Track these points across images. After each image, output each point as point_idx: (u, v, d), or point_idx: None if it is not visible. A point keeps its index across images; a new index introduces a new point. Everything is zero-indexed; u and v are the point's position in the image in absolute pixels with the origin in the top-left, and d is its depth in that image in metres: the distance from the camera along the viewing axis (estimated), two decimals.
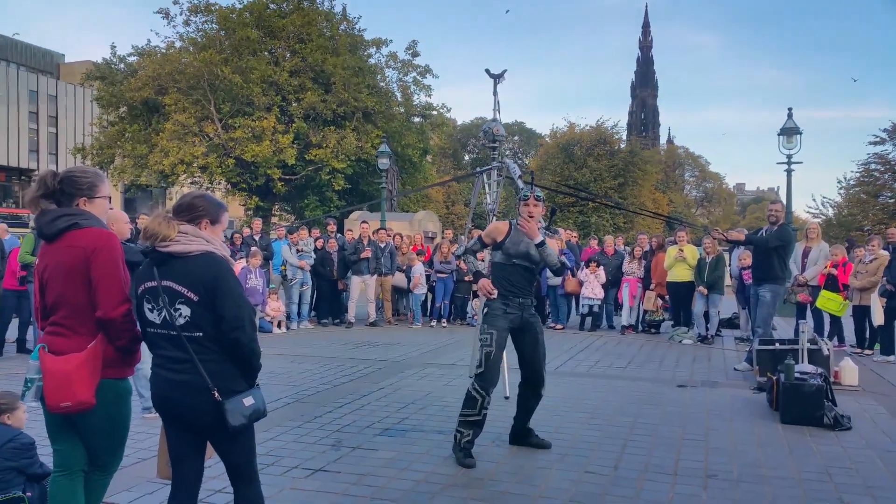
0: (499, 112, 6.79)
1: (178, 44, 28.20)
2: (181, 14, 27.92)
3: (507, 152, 58.00)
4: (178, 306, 2.62)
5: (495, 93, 6.77)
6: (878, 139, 33.18)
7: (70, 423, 2.86)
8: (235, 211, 31.57)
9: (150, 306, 2.69)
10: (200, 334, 2.63)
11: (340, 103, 27.12)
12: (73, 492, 2.90)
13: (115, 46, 28.91)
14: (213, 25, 28.27)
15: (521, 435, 4.89)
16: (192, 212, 2.75)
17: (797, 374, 5.60)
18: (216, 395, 2.59)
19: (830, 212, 36.61)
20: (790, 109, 14.87)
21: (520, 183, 6.34)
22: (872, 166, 33.66)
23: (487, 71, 7.05)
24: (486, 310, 4.63)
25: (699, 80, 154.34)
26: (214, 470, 4.02)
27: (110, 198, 3.02)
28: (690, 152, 63.85)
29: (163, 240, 2.64)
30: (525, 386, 4.82)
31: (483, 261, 11.37)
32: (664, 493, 4.01)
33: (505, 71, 7.01)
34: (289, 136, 26.14)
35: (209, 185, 29.16)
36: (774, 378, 5.84)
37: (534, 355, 4.71)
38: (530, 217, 4.56)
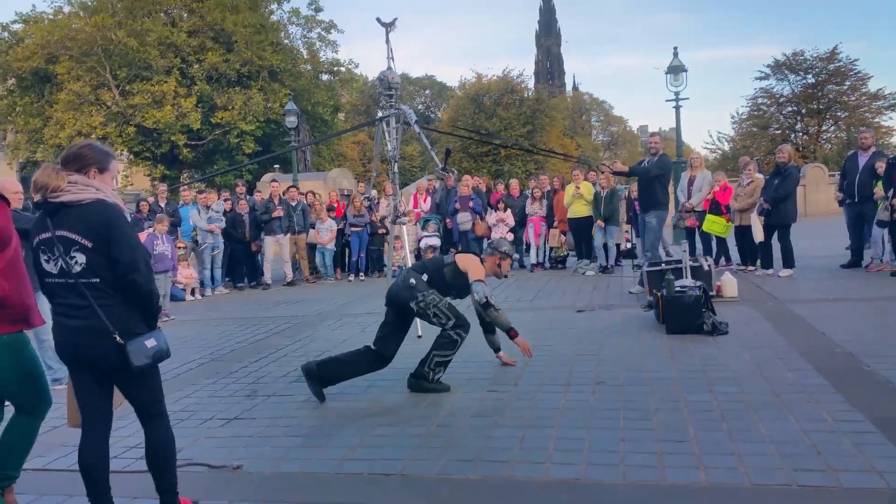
0: (393, 60, 6.81)
1: (66, 8, 26.40)
2: None
3: (420, 106, 57.40)
4: (73, 254, 2.70)
5: (388, 41, 6.79)
6: (763, 74, 35.31)
7: None
8: (141, 182, 30.18)
9: (45, 257, 2.76)
10: (97, 280, 2.71)
11: (244, 63, 26.19)
12: None
13: None
14: None
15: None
16: (80, 161, 2.81)
17: (678, 288, 6.12)
18: (117, 338, 2.70)
19: (726, 146, 38.81)
20: (675, 48, 15.65)
21: (416, 128, 6.47)
22: (760, 100, 35.82)
23: (378, 20, 7.02)
24: (413, 282, 4.78)
25: (600, 26, 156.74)
26: (129, 429, 4.14)
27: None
28: (595, 98, 65.47)
29: (53, 191, 2.70)
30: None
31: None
32: (558, 400, 4.39)
33: (395, 19, 6.99)
34: (192, 100, 25.11)
35: None
36: (659, 294, 6.35)
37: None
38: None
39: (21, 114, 26.14)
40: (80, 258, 2.69)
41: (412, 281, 4.80)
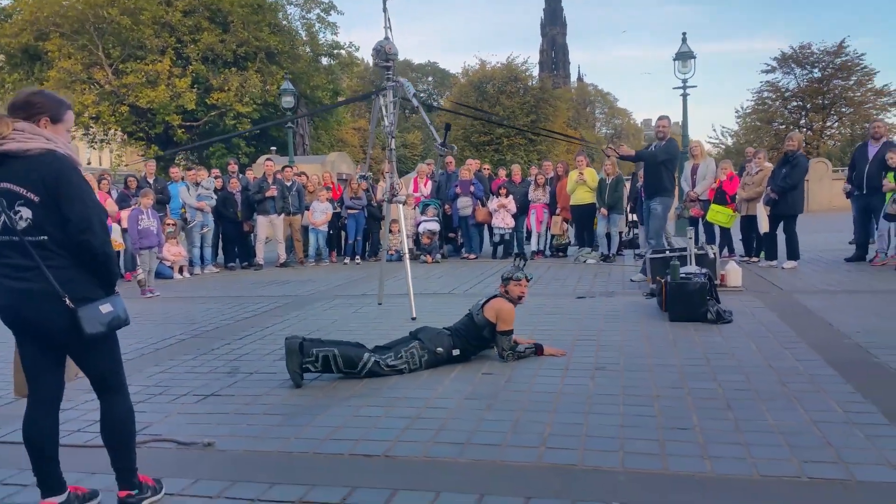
0: (390, 30, 6.54)
1: None
2: None
3: (423, 94, 56.94)
4: (17, 208, 2.46)
5: (385, 9, 6.51)
6: (769, 67, 34.96)
7: None
8: (135, 163, 29.80)
9: None
10: (45, 238, 2.48)
11: (240, 43, 25.84)
12: None
13: None
14: None
15: None
16: (29, 109, 2.55)
17: (682, 275, 5.89)
18: (68, 302, 2.46)
19: (729, 140, 38.56)
20: (684, 34, 15.31)
21: (415, 101, 6.22)
22: (765, 94, 35.50)
23: None
24: (444, 342, 4.69)
25: (605, 17, 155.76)
26: (97, 403, 3.88)
27: None
28: (600, 90, 65.23)
29: None
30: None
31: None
32: (555, 385, 4.16)
33: None
34: (186, 80, 24.74)
35: (104, 137, 27.44)
36: (663, 281, 6.12)
37: None
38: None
39: (10, 91, 25.59)
40: (26, 213, 2.45)
41: (446, 342, 4.71)
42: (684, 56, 15.08)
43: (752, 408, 3.64)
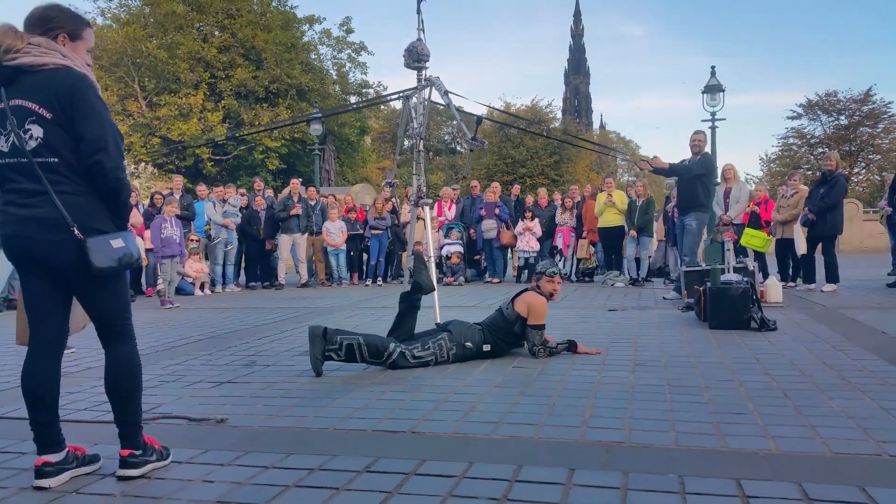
0: (423, 32, 6.47)
1: (99, 19, 26.89)
2: None
3: (447, 137, 57.54)
4: (28, 126, 2.27)
5: (419, 11, 6.45)
6: (794, 114, 34.78)
7: None
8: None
9: None
10: (55, 160, 2.29)
11: (272, 80, 26.38)
12: None
13: None
14: (137, 1, 27.04)
15: None
16: (46, 23, 2.39)
17: (723, 281, 5.58)
18: (76, 232, 2.27)
19: (753, 186, 38.12)
20: (713, 67, 15.17)
21: (445, 99, 6.10)
22: (790, 140, 35.23)
23: None
24: (472, 337, 4.50)
25: (629, 68, 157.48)
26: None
27: None
28: (622, 137, 65.33)
29: (8, 51, 2.27)
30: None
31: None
32: (592, 377, 3.87)
33: None
34: (218, 114, 25.22)
35: (134, 169, 27.92)
36: (702, 289, 5.82)
37: None
38: None
39: None
40: (37, 132, 2.26)
41: (476, 336, 4.48)
42: (713, 89, 14.95)
43: (813, 396, 3.32)
